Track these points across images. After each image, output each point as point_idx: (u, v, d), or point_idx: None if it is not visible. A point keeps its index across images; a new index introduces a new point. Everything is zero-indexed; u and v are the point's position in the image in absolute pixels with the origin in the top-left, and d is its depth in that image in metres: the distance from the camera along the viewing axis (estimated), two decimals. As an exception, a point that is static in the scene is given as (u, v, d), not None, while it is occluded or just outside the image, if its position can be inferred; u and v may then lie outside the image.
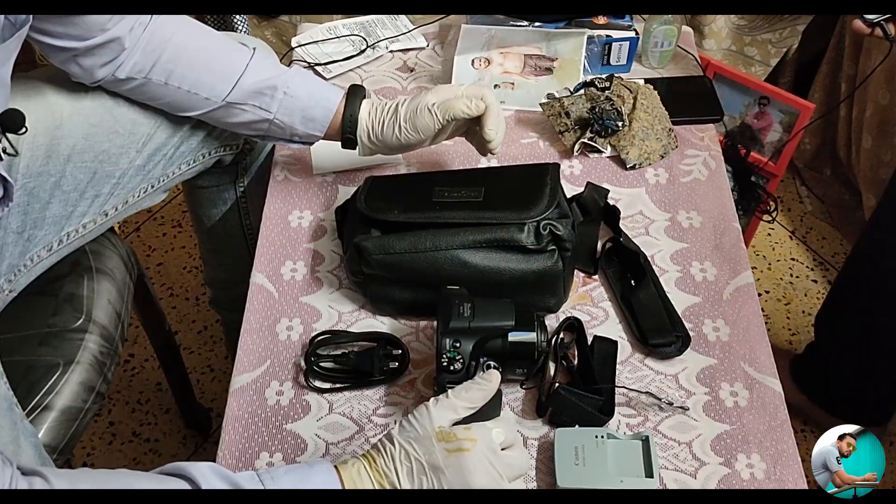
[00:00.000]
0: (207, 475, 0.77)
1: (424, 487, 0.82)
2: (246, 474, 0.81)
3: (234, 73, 1.13)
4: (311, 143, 1.20)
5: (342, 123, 1.15)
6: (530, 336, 1.01)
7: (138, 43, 1.08)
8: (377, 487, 0.82)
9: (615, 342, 1.10)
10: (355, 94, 1.17)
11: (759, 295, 1.95)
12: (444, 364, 0.96)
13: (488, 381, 0.88)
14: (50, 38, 1.03)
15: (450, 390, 0.87)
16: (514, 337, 1.00)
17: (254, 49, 1.17)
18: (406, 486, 0.82)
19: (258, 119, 1.15)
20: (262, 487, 0.79)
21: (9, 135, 0.96)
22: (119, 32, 1.06)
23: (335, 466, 0.83)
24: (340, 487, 0.81)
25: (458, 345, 0.97)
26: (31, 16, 0.89)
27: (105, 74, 1.10)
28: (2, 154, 0.96)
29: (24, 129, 0.97)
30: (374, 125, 1.16)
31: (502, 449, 0.85)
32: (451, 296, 1.01)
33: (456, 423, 0.85)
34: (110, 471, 0.79)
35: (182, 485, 0.77)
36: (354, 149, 1.19)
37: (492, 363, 0.98)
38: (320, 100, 1.15)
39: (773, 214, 1.69)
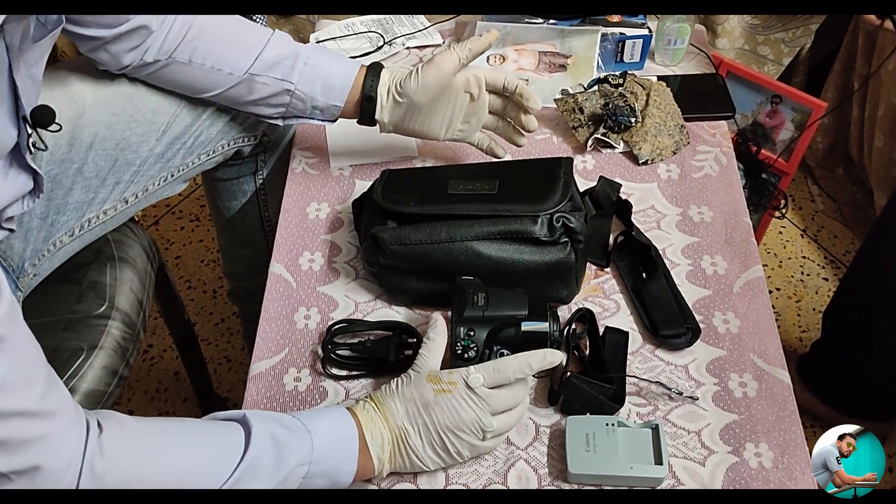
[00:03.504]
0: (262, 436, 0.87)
1: (420, 425, 0.93)
2: (292, 432, 0.89)
3: (256, 47, 1.15)
4: (331, 119, 1.22)
5: (363, 86, 1.17)
6: (543, 326, 1.03)
7: (163, 26, 1.11)
8: (386, 428, 0.93)
9: (626, 333, 1.11)
10: (376, 65, 1.20)
11: (770, 292, 1.96)
12: (459, 352, 0.99)
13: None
14: (80, 27, 1.06)
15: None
16: (526, 326, 1.02)
17: (272, 30, 1.19)
18: (408, 426, 0.93)
19: (279, 91, 1.17)
20: (291, 415, 0.91)
21: (39, 130, 0.98)
22: (145, 19, 1.08)
23: (350, 409, 0.94)
24: (357, 429, 0.92)
25: (472, 333, 0.99)
26: (62, 18, 0.92)
27: (132, 60, 1.12)
28: (31, 148, 0.98)
29: (56, 126, 1.00)
30: (396, 77, 1.18)
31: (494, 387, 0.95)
32: (465, 285, 1.03)
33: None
34: (169, 421, 0.88)
35: (238, 436, 0.86)
36: (372, 123, 1.21)
37: (505, 351, 1.00)
38: (340, 68, 1.18)
39: (783, 211, 1.70)
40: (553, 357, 0.96)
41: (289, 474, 0.87)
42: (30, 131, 0.96)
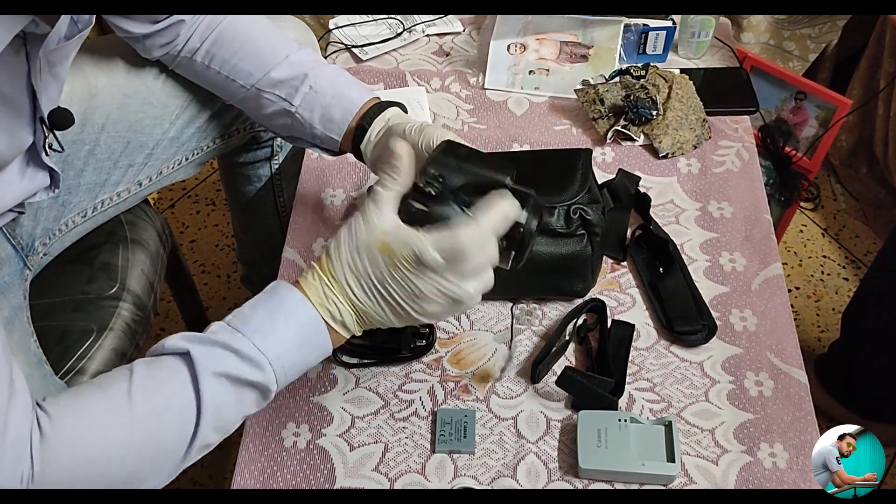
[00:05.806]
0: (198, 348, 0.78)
1: (380, 300, 0.81)
2: (218, 332, 0.80)
3: (271, 62, 1.09)
4: (335, 153, 1.10)
5: (362, 118, 1.04)
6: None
7: (194, 23, 1.10)
8: (347, 304, 0.82)
9: (632, 325, 1.10)
10: (385, 103, 1.05)
11: (789, 291, 1.94)
12: (420, 185, 0.82)
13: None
14: (122, 19, 1.07)
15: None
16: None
17: (300, 46, 1.12)
18: (368, 302, 0.81)
19: (281, 111, 1.09)
20: (241, 334, 0.79)
21: (56, 132, 0.98)
22: (181, 16, 1.08)
23: (298, 283, 0.83)
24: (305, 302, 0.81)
25: (441, 179, 0.83)
26: (93, 18, 0.91)
27: (161, 54, 1.12)
28: (48, 149, 0.98)
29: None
30: (399, 121, 1.01)
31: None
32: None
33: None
34: (105, 385, 0.78)
35: (182, 373, 0.78)
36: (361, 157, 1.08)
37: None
38: (343, 100, 1.05)
39: (817, 201, 1.67)
40: (511, 209, 0.81)
41: (255, 397, 0.81)
42: (46, 133, 0.96)
